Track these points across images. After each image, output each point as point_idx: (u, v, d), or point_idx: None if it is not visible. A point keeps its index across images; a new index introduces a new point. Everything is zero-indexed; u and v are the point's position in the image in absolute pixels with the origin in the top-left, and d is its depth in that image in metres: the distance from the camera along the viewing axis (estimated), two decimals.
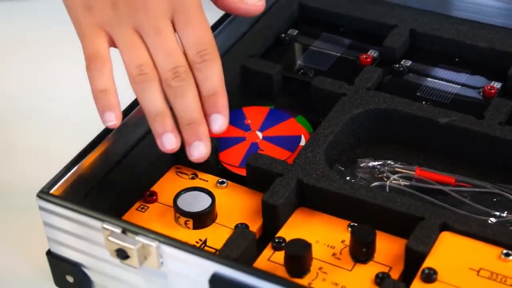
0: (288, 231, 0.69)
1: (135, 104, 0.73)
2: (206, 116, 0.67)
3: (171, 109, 0.67)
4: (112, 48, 0.67)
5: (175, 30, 0.66)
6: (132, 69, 0.65)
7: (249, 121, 0.81)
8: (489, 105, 0.76)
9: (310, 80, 0.81)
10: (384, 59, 0.85)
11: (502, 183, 0.73)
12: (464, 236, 0.65)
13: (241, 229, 0.68)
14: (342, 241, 0.68)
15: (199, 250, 0.61)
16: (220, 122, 0.67)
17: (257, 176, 0.72)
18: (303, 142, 0.78)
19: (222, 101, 0.66)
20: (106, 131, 0.71)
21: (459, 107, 0.78)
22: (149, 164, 0.74)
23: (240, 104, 0.83)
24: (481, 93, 0.81)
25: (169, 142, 0.65)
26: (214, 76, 0.66)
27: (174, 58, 0.65)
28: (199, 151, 0.66)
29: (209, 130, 0.68)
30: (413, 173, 0.74)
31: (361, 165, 0.76)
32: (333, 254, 0.68)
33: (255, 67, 0.84)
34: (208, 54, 0.66)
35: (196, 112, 0.66)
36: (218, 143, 0.76)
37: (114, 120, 0.65)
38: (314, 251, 0.67)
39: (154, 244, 0.61)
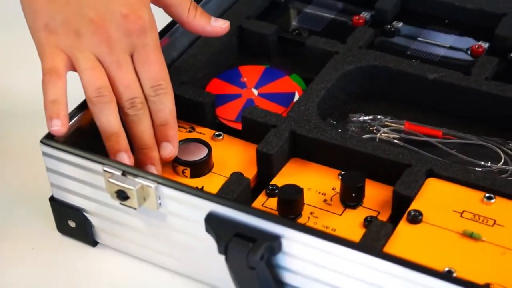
0: (282, 179, 0.72)
1: None
2: (157, 143, 0.71)
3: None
4: None
5: (134, 66, 0.70)
6: (91, 90, 0.68)
7: (245, 79, 0.84)
8: (476, 62, 0.79)
9: (304, 40, 0.84)
10: (376, 21, 0.88)
11: (487, 136, 0.76)
12: (449, 182, 0.68)
13: (236, 175, 0.71)
14: (333, 189, 0.71)
15: (196, 190, 0.64)
16: (168, 150, 0.70)
17: (252, 128, 0.75)
18: (296, 98, 0.81)
19: (172, 131, 0.71)
20: None
21: (448, 65, 0.80)
22: None
23: (237, 64, 0.86)
24: (469, 53, 0.83)
25: (123, 161, 0.69)
26: (166, 109, 0.70)
27: (132, 90, 0.69)
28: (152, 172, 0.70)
29: (160, 155, 0.71)
30: (402, 126, 0.78)
31: (352, 120, 0.79)
32: (324, 200, 0.71)
33: (251, 28, 0.87)
34: (162, 89, 0.70)
35: (149, 139, 0.70)
36: (215, 99, 0.79)
37: (59, 126, 0.67)
38: (306, 198, 0.70)
39: (153, 185, 0.64)
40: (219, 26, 0.77)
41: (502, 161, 0.74)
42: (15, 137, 0.85)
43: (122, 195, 0.65)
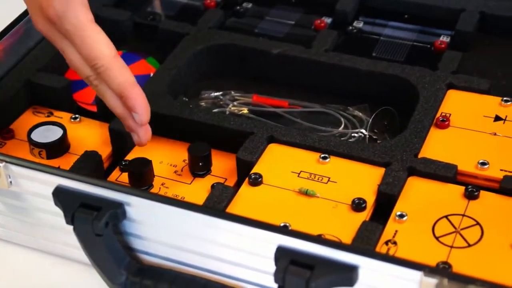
0: (135, 156, 0.75)
1: None
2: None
3: None
4: None
5: None
6: None
7: None
8: (317, 36, 0.84)
9: (157, 24, 0.88)
10: (227, 4, 0.93)
11: (331, 104, 0.81)
12: (288, 146, 0.73)
13: (88, 152, 0.74)
14: (184, 160, 0.75)
15: (42, 165, 0.67)
16: (137, 119, 0.70)
17: (106, 110, 0.77)
18: None
19: (130, 102, 0.69)
20: None
21: (293, 41, 0.85)
22: (5, 104, 0.80)
23: None
24: (312, 28, 0.89)
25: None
26: (113, 83, 0.69)
27: (82, 71, 0.70)
28: (135, 139, 0.72)
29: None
30: (251, 99, 0.82)
31: (204, 96, 0.83)
32: (175, 172, 0.74)
33: (106, 15, 0.90)
34: (98, 67, 0.69)
35: (116, 110, 0.71)
36: (71, 84, 0.82)
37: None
38: (158, 171, 0.74)
39: (1, 164, 0.67)
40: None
41: (343, 125, 0.79)
42: None
43: None
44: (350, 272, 0.58)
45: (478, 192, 0.68)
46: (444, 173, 0.69)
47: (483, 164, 0.70)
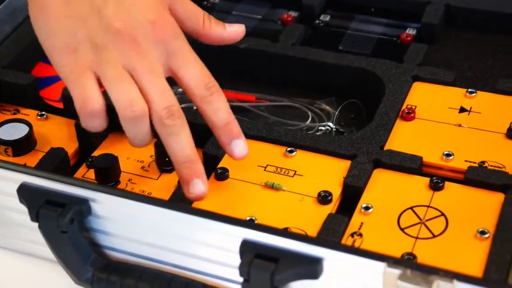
0: (102, 152, 0.75)
1: None
2: (225, 145, 0.67)
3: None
4: None
5: (173, 73, 0.67)
6: (122, 105, 0.63)
7: None
8: (284, 30, 0.85)
9: None
10: None
11: (297, 97, 0.81)
12: (254, 140, 0.73)
13: (53, 149, 0.73)
14: (151, 156, 0.75)
15: (6, 163, 0.66)
16: (241, 147, 0.67)
17: (71, 105, 0.78)
18: None
19: (236, 127, 0.67)
20: None
21: (260, 35, 0.85)
22: None
23: None
24: (279, 22, 0.89)
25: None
26: (224, 106, 0.67)
27: (168, 97, 0.65)
28: (199, 188, 0.66)
29: (232, 156, 0.68)
30: None
31: None
32: (142, 167, 0.74)
33: None
34: (214, 86, 0.67)
35: (191, 150, 0.66)
36: (37, 81, 0.81)
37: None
38: (124, 166, 0.74)
39: None
40: (235, 30, 0.72)
41: (310, 119, 0.79)
42: None
43: None
44: (315, 264, 0.58)
45: (443, 183, 0.68)
46: (409, 164, 0.70)
47: (448, 155, 0.70)
